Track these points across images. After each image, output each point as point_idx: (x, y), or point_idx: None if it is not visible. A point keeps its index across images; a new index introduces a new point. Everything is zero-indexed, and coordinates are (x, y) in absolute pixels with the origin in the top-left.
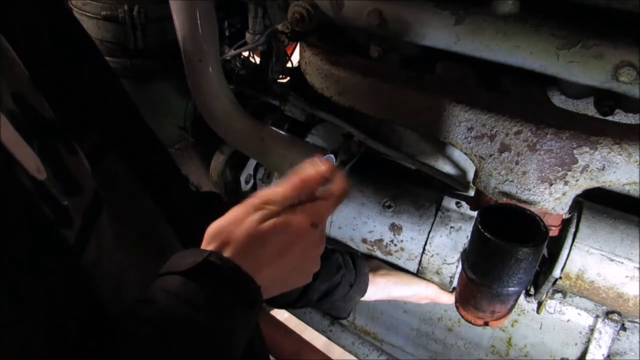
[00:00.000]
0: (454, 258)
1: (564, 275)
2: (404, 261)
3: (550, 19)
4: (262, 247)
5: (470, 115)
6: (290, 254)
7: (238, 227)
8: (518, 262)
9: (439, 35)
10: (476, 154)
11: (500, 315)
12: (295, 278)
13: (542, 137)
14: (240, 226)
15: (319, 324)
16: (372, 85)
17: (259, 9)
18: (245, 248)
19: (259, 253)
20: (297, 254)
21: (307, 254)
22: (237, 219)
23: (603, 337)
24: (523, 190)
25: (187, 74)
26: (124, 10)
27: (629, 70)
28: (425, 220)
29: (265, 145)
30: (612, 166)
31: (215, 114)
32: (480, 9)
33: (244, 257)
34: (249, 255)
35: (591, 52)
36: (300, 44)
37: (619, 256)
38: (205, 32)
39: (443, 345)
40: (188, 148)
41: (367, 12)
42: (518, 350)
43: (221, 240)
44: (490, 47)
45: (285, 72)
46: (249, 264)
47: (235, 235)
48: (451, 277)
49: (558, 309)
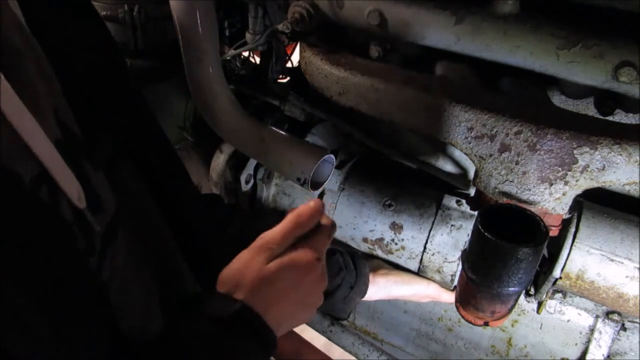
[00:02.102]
0: (455, 256)
1: (564, 275)
2: (405, 260)
3: (550, 19)
4: (271, 286)
5: (470, 115)
6: (299, 290)
7: (247, 270)
8: (518, 262)
9: (439, 35)
10: (476, 154)
11: (501, 315)
12: (302, 314)
13: (542, 137)
14: (248, 269)
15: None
16: (372, 85)
17: (259, 9)
18: (255, 289)
19: (269, 292)
20: (305, 289)
21: (313, 288)
22: (244, 262)
23: (603, 337)
24: (523, 190)
25: (187, 74)
26: (124, 11)
27: (629, 70)
28: (426, 218)
29: (265, 145)
30: (612, 166)
31: (215, 114)
32: (481, 9)
33: (254, 298)
34: (258, 295)
35: (591, 52)
36: (300, 44)
37: (619, 256)
38: (205, 32)
39: (443, 345)
40: (188, 148)
41: (367, 12)
42: (518, 350)
43: (232, 285)
44: (490, 47)
45: (285, 72)
46: (259, 304)
47: (244, 279)
48: (452, 275)
49: (558, 309)
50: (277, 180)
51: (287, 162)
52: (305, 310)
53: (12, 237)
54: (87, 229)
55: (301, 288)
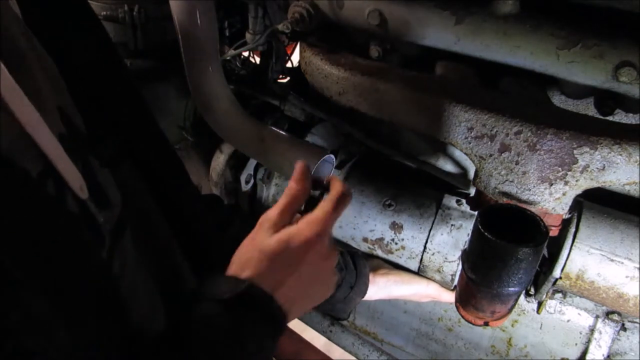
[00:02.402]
0: (455, 256)
1: (564, 275)
2: (405, 260)
3: (550, 19)
4: (273, 263)
5: (470, 115)
6: (304, 267)
7: (250, 251)
8: (518, 262)
9: (439, 35)
10: (476, 154)
11: (501, 316)
12: (316, 292)
13: (542, 137)
14: (250, 249)
15: (319, 324)
16: (372, 85)
17: (259, 9)
18: (259, 268)
19: (273, 269)
20: (310, 266)
21: (319, 264)
22: (247, 244)
23: (603, 337)
24: (523, 190)
25: (187, 74)
26: (124, 11)
27: (629, 70)
28: (426, 218)
29: (265, 145)
30: (612, 166)
31: (215, 114)
32: (481, 9)
33: (260, 277)
34: (264, 273)
35: (591, 52)
36: (300, 44)
37: (619, 256)
38: (205, 32)
39: (443, 345)
40: (188, 148)
41: (367, 12)
42: (518, 350)
43: (238, 266)
44: (490, 47)
45: (285, 72)
46: (266, 283)
47: (249, 260)
48: (452, 275)
49: (558, 309)
50: (277, 180)
51: (287, 162)
52: (318, 289)
53: (23, 231)
54: (91, 219)
55: (305, 264)
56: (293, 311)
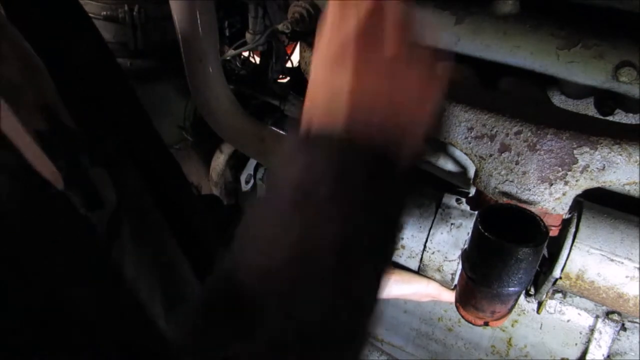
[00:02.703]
0: (455, 255)
1: (564, 275)
2: (405, 259)
3: (550, 19)
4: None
5: (470, 115)
6: (371, 58)
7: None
8: (518, 262)
9: (439, 36)
10: (476, 154)
11: (501, 315)
12: (404, 107)
13: (542, 137)
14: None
15: None
16: None
17: (259, 9)
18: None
19: (342, 80)
20: (377, 64)
21: (393, 65)
22: None
23: (603, 337)
24: (523, 190)
25: (187, 74)
26: (124, 11)
27: (629, 70)
28: (426, 217)
29: (265, 145)
30: (612, 166)
31: (215, 114)
32: (481, 9)
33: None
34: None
35: (591, 52)
36: (300, 44)
37: (619, 256)
38: (205, 32)
39: (443, 345)
40: (188, 148)
41: None
42: (518, 350)
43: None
44: (490, 47)
45: (285, 72)
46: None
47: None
48: (452, 274)
49: (558, 309)
50: None
51: None
52: (408, 105)
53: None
54: (75, 213)
55: (375, 58)
56: (371, 121)
